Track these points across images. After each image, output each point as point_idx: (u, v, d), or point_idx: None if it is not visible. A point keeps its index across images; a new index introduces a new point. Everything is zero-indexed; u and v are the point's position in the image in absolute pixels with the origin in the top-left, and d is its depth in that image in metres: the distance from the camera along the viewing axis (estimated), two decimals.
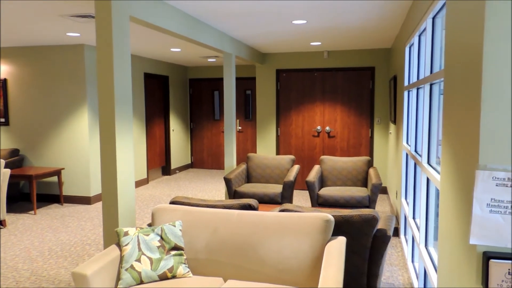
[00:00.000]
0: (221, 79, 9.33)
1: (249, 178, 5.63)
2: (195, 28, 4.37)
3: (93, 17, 4.21)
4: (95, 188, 6.32)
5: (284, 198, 4.99)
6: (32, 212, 5.78)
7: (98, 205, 6.19)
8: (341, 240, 2.46)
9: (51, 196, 6.36)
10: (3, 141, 6.49)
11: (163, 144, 8.62)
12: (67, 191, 6.30)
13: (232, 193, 5.06)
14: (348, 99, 7.08)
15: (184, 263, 2.57)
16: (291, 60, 7.26)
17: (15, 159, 6.15)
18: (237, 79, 9.15)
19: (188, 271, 2.57)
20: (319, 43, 6.28)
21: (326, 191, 4.90)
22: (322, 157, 5.54)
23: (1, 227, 5.08)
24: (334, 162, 5.45)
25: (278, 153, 7.45)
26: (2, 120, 6.44)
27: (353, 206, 4.73)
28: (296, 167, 5.42)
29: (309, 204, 6.28)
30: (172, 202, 3.00)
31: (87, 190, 6.23)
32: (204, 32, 4.60)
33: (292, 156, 5.60)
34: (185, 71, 9.44)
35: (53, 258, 4.08)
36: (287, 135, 7.39)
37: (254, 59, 6.75)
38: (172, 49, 6.63)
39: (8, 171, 4.99)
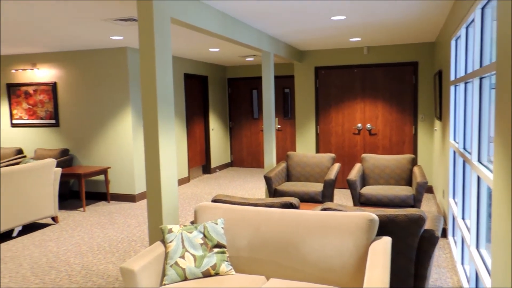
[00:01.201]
0: (260, 78, 9.36)
1: (289, 176, 5.61)
2: (234, 28, 4.40)
3: (135, 20, 4.34)
4: (139, 186, 6.52)
5: (324, 197, 4.93)
6: (82, 209, 6.05)
7: (143, 203, 6.39)
8: (386, 240, 2.40)
9: (99, 194, 6.63)
10: (54, 142, 6.83)
11: (203, 143, 8.76)
12: (113, 189, 6.55)
13: (272, 192, 5.06)
14: (390, 96, 6.88)
15: (227, 261, 2.60)
16: (330, 57, 7.16)
17: (65, 159, 6.47)
18: (276, 77, 9.14)
19: (231, 269, 2.59)
20: (359, 39, 6.15)
21: (369, 190, 4.80)
22: (364, 155, 5.43)
23: (54, 223, 5.35)
24: (376, 160, 5.32)
25: (318, 151, 7.38)
26: (53, 121, 6.78)
27: (397, 205, 4.60)
28: (337, 166, 5.34)
29: (350, 203, 6.17)
30: (214, 200, 3.04)
31: (132, 188, 6.44)
32: (242, 31, 4.63)
33: (332, 154, 5.53)
34: (224, 70, 9.55)
35: (102, 253, 4.25)
36: (327, 133, 7.30)
37: (292, 57, 6.72)
38: (211, 49, 6.71)
39: (59, 170, 5.25)
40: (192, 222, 2.97)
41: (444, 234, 4.55)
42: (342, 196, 6.64)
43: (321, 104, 7.29)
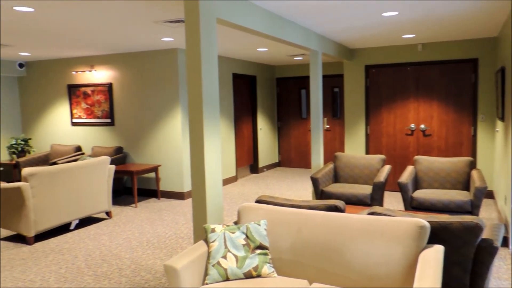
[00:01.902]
0: (308, 77, 9.23)
1: (336, 178, 5.48)
2: (280, 26, 4.35)
3: (184, 21, 4.42)
4: (187, 184, 6.66)
5: (373, 200, 4.76)
6: (134, 205, 6.28)
7: (191, 201, 6.53)
8: (438, 249, 2.25)
9: (150, 191, 6.86)
10: (110, 140, 7.16)
11: (251, 142, 8.79)
12: (163, 186, 6.75)
13: (319, 193, 4.96)
14: (446, 95, 6.51)
15: (269, 263, 2.57)
16: (381, 55, 6.91)
17: (119, 156, 6.75)
18: (325, 76, 8.98)
19: (273, 271, 2.56)
20: (413, 35, 5.87)
21: (421, 194, 4.56)
22: (417, 157, 5.17)
23: (108, 217, 5.60)
24: (430, 162, 5.05)
25: (367, 152, 7.15)
26: (109, 120, 7.10)
27: (452, 211, 4.33)
28: (387, 167, 5.14)
29: (401, 207, 5.92)
30: (257, 201, 3.02)
31: (180, 186, 6.60)
32: (289, 30, 4.57)
33: (382, 156, 5.32)
34: (272, 70, 9.52)
35: (150, 249, 4.38)
36: (377, 133, 7.05)
37: (342, 56, 6.55)
38: (259, 49, 6.71)
39: (113, 167, 5.48)
40: (236, 223, 2.96)
41: (506, 243, 4.23)
42: (393, 200, 6.39)
43: (371, 103, 7.05)
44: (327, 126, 9.04)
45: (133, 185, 6.10)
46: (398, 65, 6.80)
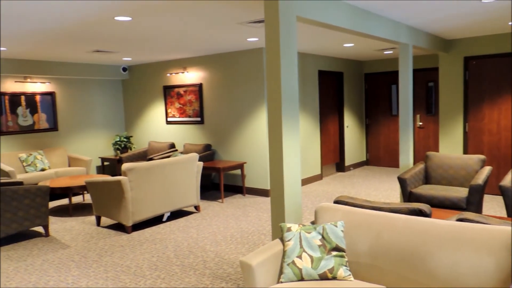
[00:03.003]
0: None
1: (427, 179, 5.11)
2: (365, 20, 4.18)
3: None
4: None
5: (470, 204, 4.35)
6: (220, 200, 6.55)
7: None
8: None
9: (236, 187, 7.09)
10: (199, 137, 7.55)
11: (337, 140, 8.61)
12: (248, 183, 6.93)
13: (407, 194, 4.68)
14: None
15: (345, 265, 2.50)
16: (483, 45, 6.26)
17: (207, 153, 7.09)
18: (418, 70, 8.42)
19: (349, 274, 2.48)
20: None
21: None
22: None
23: (196, 211, 5.92)
24: None
25: (465, 151, 6.55)
26: (199, 119, 7.49)
27: None
28: (487, 169, 4.65)
29: (503, 213, 5.32)
30: (336, 201, 2.95)
31: (265, 183, 6.71)
32: (375, 24, 4.36)
33: (482, 156, 4.84)
34: (360, 65, 9.20)
35: (234, 244, 4.53)
36: (477, 131, 6.42)
37: (436, 47, 6.08)
38: (345, 45, 6.53)
39: (201, 164, 5.78)
40: (313, 222, 2.93)
41: None
42: (495, 204, 5.77)
43: (471, 98, 6.44)
44: (420, 124, 8.47)
45: (220, 181, 6.36)
46: (504, 56, 6.11)
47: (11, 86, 7.12)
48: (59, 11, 3.76)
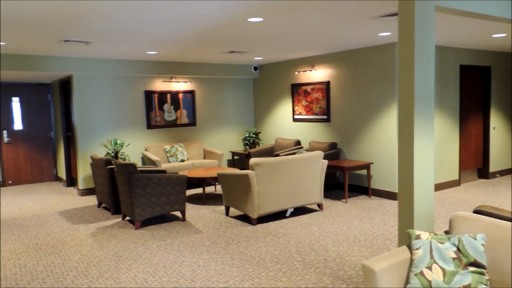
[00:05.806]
0: None
1: None
2: None
3: None
4: None
5: None
6: (344, 200, 6.41)
7: None
8: None
9: (361, 188, 6.86)
10: (325, 135, 7.49)
11: (480, 143, 7.67)
12: (374, 184, 6.63)
13: None
14: None
15: (485, 284, 2.21)
16: None
17: (333, 152, 6.99)
18: None
19: None
20: None
21: None
22: None
23: (319, 209, 5.90)
24: None
25: None
26: (325, 117, 7.44)
27: None
28: None
29: None
30: (476, 211, 2.63)
31: (393, 186, 6.34)
32: None
33: None
34: None
35: (356, 246, 4.39)
36: None
37: None
38: (494, 36, 5.76)
39: (325, 162, 5.73)
40: (447, 232, 2.66)
41: None
42: None
43: None
44: None
45: (344, 181, 6.22)
46: None
47: (160, 85, 8.06)
48: (197, 17, 4.12)
